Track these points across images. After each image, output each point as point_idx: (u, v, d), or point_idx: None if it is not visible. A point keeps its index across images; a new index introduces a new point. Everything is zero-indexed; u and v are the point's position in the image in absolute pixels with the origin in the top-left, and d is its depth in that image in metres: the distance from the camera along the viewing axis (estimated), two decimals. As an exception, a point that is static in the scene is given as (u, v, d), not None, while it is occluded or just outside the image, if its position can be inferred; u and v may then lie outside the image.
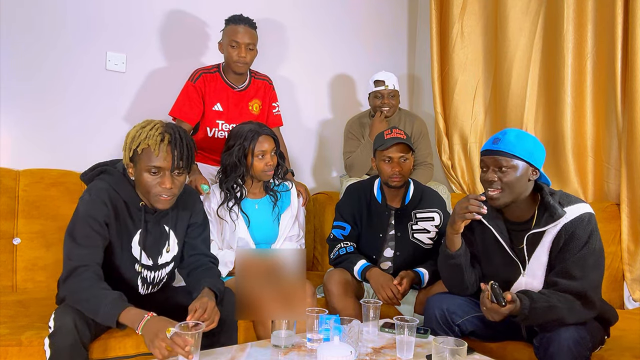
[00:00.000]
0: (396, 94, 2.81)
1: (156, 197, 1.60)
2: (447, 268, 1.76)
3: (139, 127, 1.60)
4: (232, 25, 2.42)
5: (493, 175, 1.61)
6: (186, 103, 2.43)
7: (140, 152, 1.56)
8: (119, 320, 1.43)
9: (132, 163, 1.60)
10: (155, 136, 1.55)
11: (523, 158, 1.59)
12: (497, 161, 1.61)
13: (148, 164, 1.56)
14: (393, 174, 2.09)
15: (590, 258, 1.56)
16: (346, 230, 2.20)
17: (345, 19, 3.33)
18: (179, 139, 1.59)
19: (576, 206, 1.61)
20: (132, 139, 1.58)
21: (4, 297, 1.99)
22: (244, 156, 2.11)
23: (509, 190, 1.60)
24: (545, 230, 1.61)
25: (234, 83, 2.53)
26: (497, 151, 1.61)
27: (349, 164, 2.85)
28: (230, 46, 2.40)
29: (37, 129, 2.46)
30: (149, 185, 1.58)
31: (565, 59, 2.56)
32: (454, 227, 1.68)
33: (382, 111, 2.76)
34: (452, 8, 3.13)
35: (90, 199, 1.59)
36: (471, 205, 1.62)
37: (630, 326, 1.91)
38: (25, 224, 2.22)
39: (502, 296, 1.49)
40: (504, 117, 2.89)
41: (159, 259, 1.73)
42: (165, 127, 1.59)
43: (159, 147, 1.55)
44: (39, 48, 2.45)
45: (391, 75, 2.82)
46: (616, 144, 2.47)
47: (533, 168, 1.62)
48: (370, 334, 1.67)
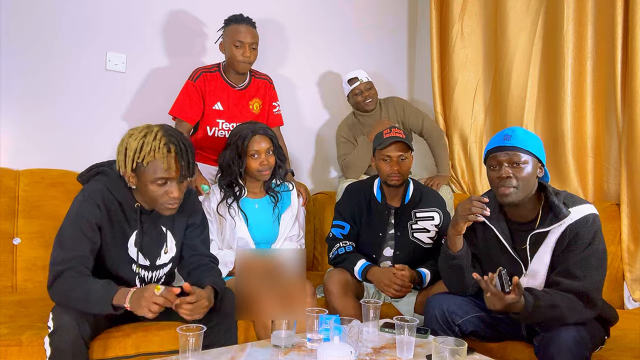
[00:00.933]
0: (371, 85, 2.92)
1: (163, 205, 1.60)
2: (449, 269, 1.76)
3: (139, 136, 1.55)
4: (235, 25, 2.41)
5: (507, 171, 1.59)
6: (186, 103, 2.43)
7: (145, 165, 1.54)
8: (113, 303, 1.45)
9: (133, 174, 1.57)
10: (161, 148, 1.52)
11: (535, 154, 1.60)
12: (511, 157, 1.59)
13: (154, 175, 1.54)
14: (392, 173, 2.10)
15: (593, 258, 1.56)
16: (345, 230, 2.20)
17: (345, 19, 3.33)
18: (183, 148, 1.57)
19: (581, 207, 1.61)
20: (134, 151, 1.53)
21: (4, 297, 1.99)
22: (238, 155, 2.12)
23: (524, 186, 1.60)
24: (549, 231, 1.61)
25: (235, 82, 2.53)
26: (511, 147, 1.60)
27: (345, 166, 2.88)
28: (234, 46, 2.39)
29: (37, 129, 2.46)
30: (156, 195, 1.57)
31: (565, 59, 2.56)
32: (456, 228, 1.68)
33: (366, 104, 2.88)
34: (452, 8, 3.12)
35: (83, 201, 1.58)
36: (474, 207, 1.62)
37: (630, 326, 1.91)
38: (25, 224, 2.22)
39: (508, 283, 1.48)
40: (504, 117, 2.88)
41: (157, 259, 1.73)
42: (168, 137, 1.55)
43: (166, 160, 1.53)
44: (39, 48, 2.45)
45: (359, 70, 2.93)
46: (616, 144, 2.47)
47: (540, 164, 1.63)
48: (370, 334, 1.67)
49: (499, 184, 1.62)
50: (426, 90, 3.43)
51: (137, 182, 1.59)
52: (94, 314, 1.52)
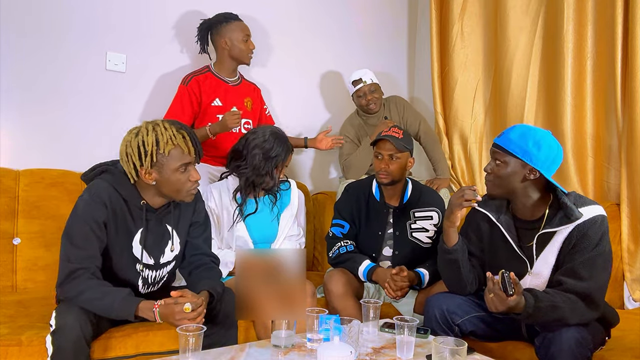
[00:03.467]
0: (376, 87, 2.88)
1: (188, 192, 1.64)
2: (445, 264, 1.77)
3: (149, 131, 1.57)
4: (237, 22, 2.57)
5: (490, 165, 1.67)
6: (178, 107, 2.49)
7: (167, 154, 1.56)
8: (136, 314, 1.50)
9: (153, 169, 1.58)
10: (177, 135, 1.57)
11: (517, 156, 1.60)
12: (494, 154, 1.66)
13: (179, 162, 1.58)
14: (380, 170, 2.13)
15: (599, 260, 1.56)
16: (345, 229, 2.20)
17: (346, 19, 3.33)
18: (190, 132, 1.63)
19: (589, 208, 1.61)
20: (151, 144, 1.55)
21: (4, 297, 1.99)
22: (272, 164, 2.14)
23: (498, 183, 1.65)
24: (557, 230, 1.61)
25: (228, 77, 2.61)
26: (495, 144, 1.66)
27: (347, 166, 2.87)
28: (244, 40, 2.56)
29: (37, 129, 2.46)
30: (181, 183, 1.60)
31: (565, 59, 2.56)
32: (451, 218, 1.70)
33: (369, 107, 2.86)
34: (452, 8, 3.12)
35: (89, 199, 1.59)
36: (466, 194, 1.65)
37: (630, 326, 1.91)
38: (25, 224, 2.22)
39: (511, 285, 1.47)
40: (504, 117, 2.88)
41: (161, 257, 1.73)
42: (174, 125, 1.61)
43: (185, 145, 1.58)
44: (39, 48, 2.45)
45: (366, 70, 2.89)
46: (616, 144, 2.47)
47: (530, 168, 1.60)
48: (370, 334, 1.67)
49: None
50: (426, 90, 3.43)
51: (157, 177, 1.59)
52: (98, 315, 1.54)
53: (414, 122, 2.97)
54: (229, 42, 2.55)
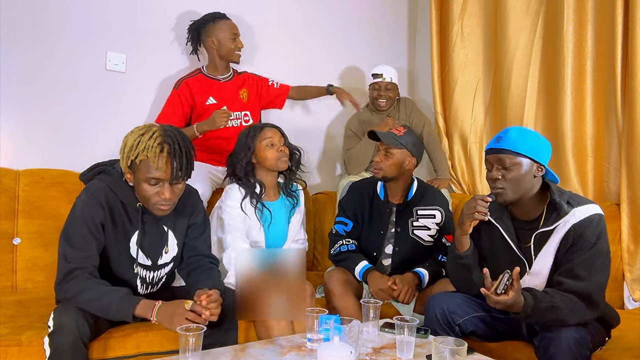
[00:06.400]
0: (393, 87, 2.90)
1: (155, 206, 1.60)
2: (456, 268, 1.77)
3: (137, 134, 1.56)
4: (224, 21, 2.61)
5: (497, 173, 1.62)
6: (169, 110, 2.53)
7: (138, 163, 1.54)
8: (135, 314, 1.49)
9: (130, 170, 1.59)
10: (154, 147, 1.52)
11: (526, 155, 1.60)
12: (500, 159, 1.62)
13: (147, 175, 1.54)
14: (375, 164, 2.17)
15: (597, 259, 1.56)
16: (348, 227, 2.22)
17: (346, 18, 3.33)
18: (178, 149, 1.55)
19: (586, 207, 1.60)
20: (130, 148, 1.55)
21: (4, 297, 1.99)
22: (251, 151, 2.08)
23: (514, 187, 1.61)
24: (554, 230, 1.61)
25: (220, 75, 2.65)
26: (500, 149, 1.62)
27: (347, 160, 2.89)
28: (231, 39, 2.60)
29: (37, 129, 2.46)
30: (148, 194, 1.58)
31: (565, 59, 2.56)
32: (463, 228, 1.69)
33: (379, 102, 2.90)
34: (452, 8, 3.12)
35: (87, 200, 1.59)
36: (479, 206, 1.63)
37: (630, 326, 1.91)
38: (25, 224, 2.21)
39: (504, 287, 1.47)
40: (504, 117, 2.88)
41: (158, 259, 1.73)
42: (164, 137, 1.55)
43: (157, 159, 1.52)
44: (39, 48, 2.45)
45: (390, 68, 2.91)
46: (616, 144, 2.47)
47: (538, 164, 1.62)
48: (370, 334, 1.67)
49: (490, 184, 1.67)
50: (426, 90, 3.43)
51: (132, 179, 1.60)
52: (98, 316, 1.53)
53: (419, 123, 2.99)
54: (216, 41, 2.58)
